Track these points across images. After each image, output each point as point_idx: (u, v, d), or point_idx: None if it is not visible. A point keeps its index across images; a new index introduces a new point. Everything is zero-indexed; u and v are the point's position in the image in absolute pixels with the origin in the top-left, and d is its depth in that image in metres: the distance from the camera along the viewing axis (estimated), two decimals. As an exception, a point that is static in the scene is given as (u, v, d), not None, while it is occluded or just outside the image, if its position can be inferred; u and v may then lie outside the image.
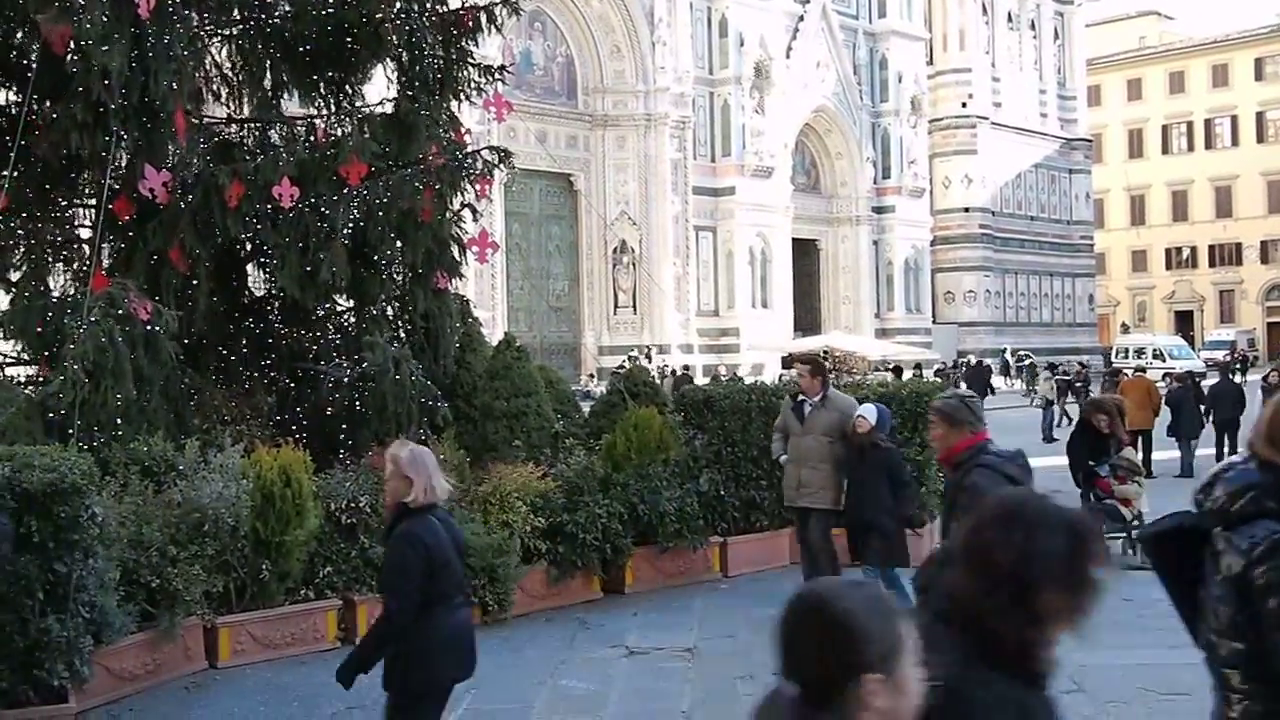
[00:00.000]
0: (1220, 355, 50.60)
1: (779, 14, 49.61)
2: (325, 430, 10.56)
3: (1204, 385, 24.47)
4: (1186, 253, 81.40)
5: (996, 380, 53.65)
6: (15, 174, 10.25)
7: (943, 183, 60.20)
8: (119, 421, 8.94)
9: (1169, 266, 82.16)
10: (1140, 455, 17.03)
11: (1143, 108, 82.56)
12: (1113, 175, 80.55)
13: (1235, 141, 79.69)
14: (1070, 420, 26.31)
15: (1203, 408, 22.21)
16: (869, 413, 9.96)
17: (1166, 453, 20.67)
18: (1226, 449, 20.70)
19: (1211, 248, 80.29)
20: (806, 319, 52.42)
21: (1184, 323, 79.60)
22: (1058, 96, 66.87)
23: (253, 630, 8.67)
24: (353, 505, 9.28)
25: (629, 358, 40.04)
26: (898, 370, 33.34)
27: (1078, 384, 32.78)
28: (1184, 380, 22.59)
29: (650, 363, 35.40)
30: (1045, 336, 63.06)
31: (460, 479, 9.74)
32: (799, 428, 10.25)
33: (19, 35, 10.86)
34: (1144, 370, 26.13)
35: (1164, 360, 49.41)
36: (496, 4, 12.37)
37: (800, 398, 10.39)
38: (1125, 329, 73.25)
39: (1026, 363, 52.01)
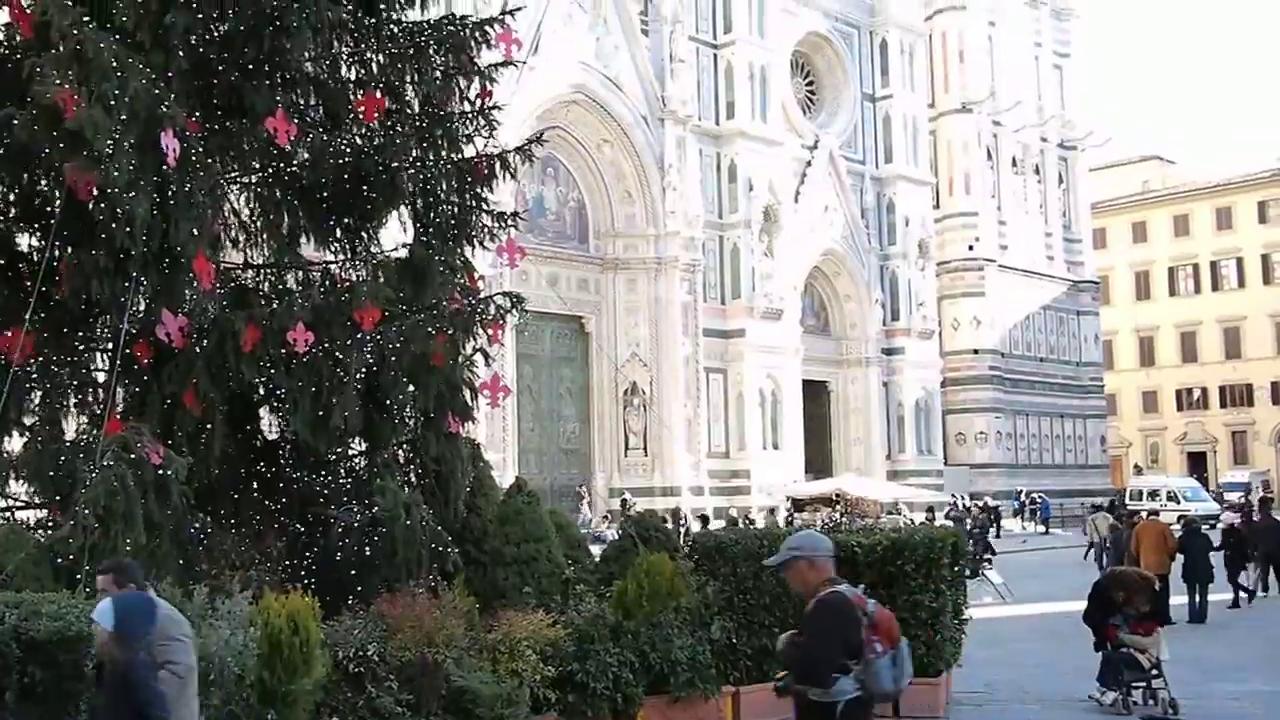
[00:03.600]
0: (1237, 496, 50.26)
1: (787, 159, 50.49)
2: (335, 576, 10.48)
3: (1235, 524, 24.44)
4: (1197, 394, 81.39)
5: (1011, 523, 53.44)
6: (35, 318, 10.35)
7: (951, 324, 60.53)
8: (128, 568, 8.87)
9: (1180, 408, 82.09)
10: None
11: (1148, 250, 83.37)
12: (1121, 317, 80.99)
13: (1242, 283, 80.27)
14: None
15: (1214, 549, 22.06)
16: (103, 615, 6.10)
17: (1183, 597, 20.45)
18: (1273, 582, 20.67)
19: (1222, 389, 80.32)
20: (818, 461, 52.26)
21: (1197, 464, 79.23)
22: (1064, 239, 67.58)
23: (256, 783, 8.46)
24: (360, 654, 9.14)
25: (621, 501, 39.90)
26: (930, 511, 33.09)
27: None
28: (1193, 525, 22.46)
29: (630, 509, 35.22)
30: (1058, 478, 62.74)
31: (469, 627, 9.62)
32: None
33: (42, 182, 11.07)
34: (1157, 513, 25.97)
35: (1178, 503, 49.04)
36: (510, 152, 12.61)
37: None
38: (1138, 471, 72.91)
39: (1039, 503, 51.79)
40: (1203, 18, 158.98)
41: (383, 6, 12.36)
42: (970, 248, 60.63)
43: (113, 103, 9.67)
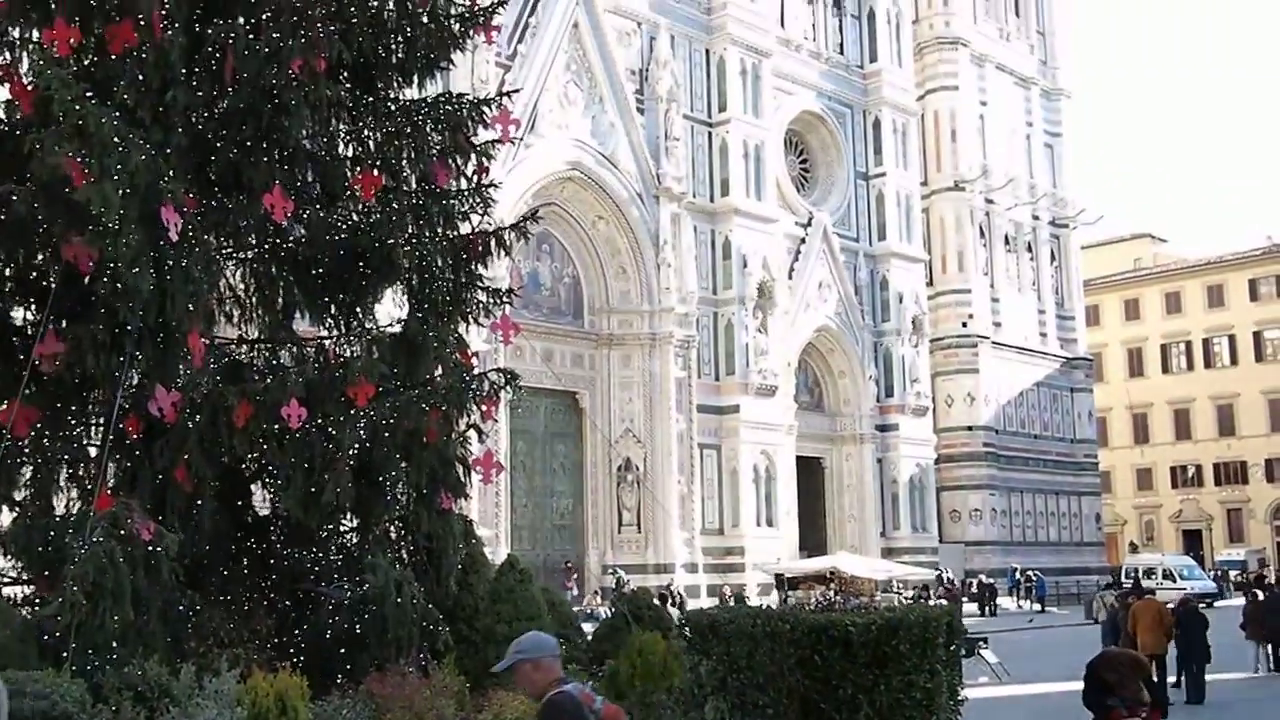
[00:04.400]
0: (1235, 574, 49.98)
1: (781, 236, 50.79)
2: (324, 654, 10.38)
3: (1233, 603, 24.40)
4: (1192, 471, 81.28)
5: (1007, 601, 53.11)
6: (27, 391, 10.34)
7: (945, 401, 60.56)
8: (115, 645, 8.80)
9: (1174, 485, 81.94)
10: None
11: (1141, 327, 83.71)
12: (1114, 394, 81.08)
13: (1234, 360, 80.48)
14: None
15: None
16: None
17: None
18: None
19: (1216, 466, 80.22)
20: (812, 538, 52.01)
21: (1192, 542, 78.94)
22: (1057, 316, 67.81)
23: None
24: (349, 733, 9.04)
25: (614, 577, 39.62)
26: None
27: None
28: (1190, 605, 22.32)
29: (622, 587, 35.01)
30: (1053, 556, 62.40)
31: (460, 706, 9.52)
32: None
33: (39, 257, 11.12)
34: (1153, 592, 25.81)
35: (1174, 581, 48.78)
36: (506, 229, 12.70)
37: None
38: (1134, 548, 72.64)
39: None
40: (1191, 99, 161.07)
41: (380, 85, 12.51)
42: (964, 324, 60.84)
43: (115, 177, 9.74)
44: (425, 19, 12.41)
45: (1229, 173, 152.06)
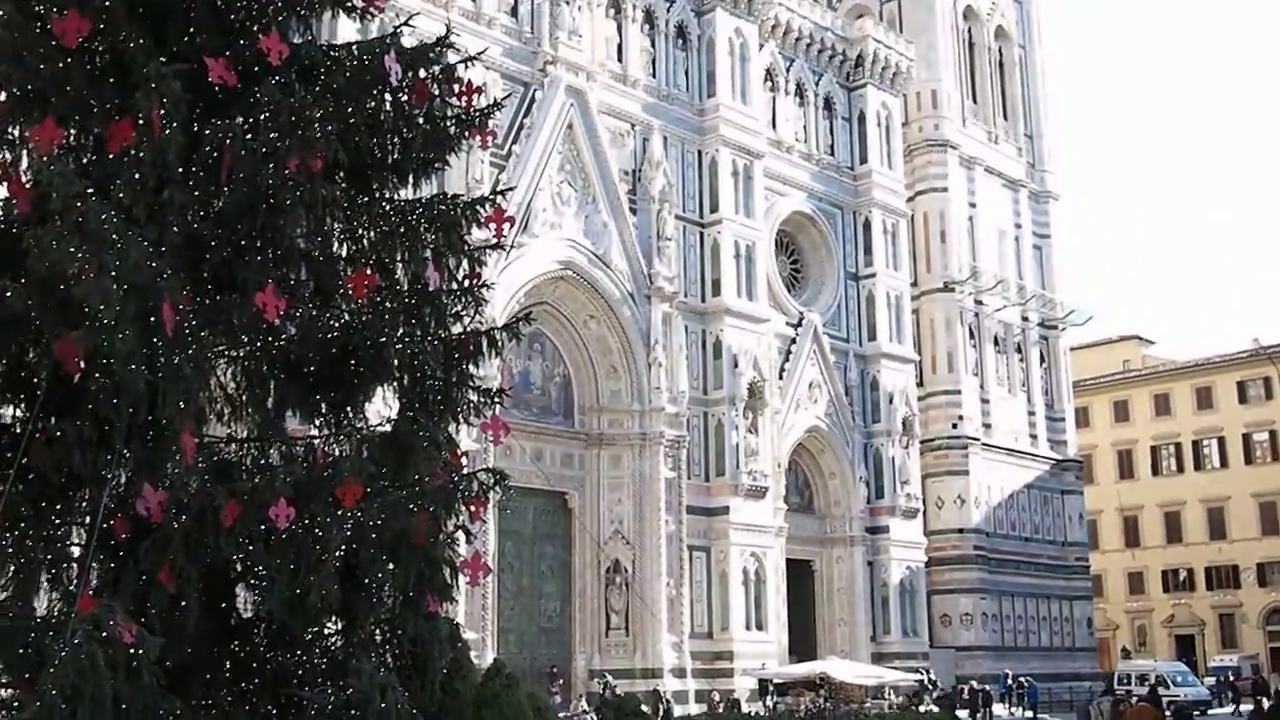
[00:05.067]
0: (1230, 677, 49.40)
1: (772, 336, 50.99)
2: (306, 761, 10.16)
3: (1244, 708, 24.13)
4: (1183, 575, 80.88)
5: (999, 707, 52.43)
6: (13, 492, 10.23)
7: (935, 503, 60.34)
8: (93, 751, 8.60)
9: (1166, 589, 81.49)
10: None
11: (1130, 429, 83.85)
12: (1105, 496, 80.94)
13: (1224, 463, 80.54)
14: None
15: None
16: None
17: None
18: None
19: (1208, 570, 79.88)
20: (801, 642, 51.41)
21: (1185, 647, 78.30)
22: (1046, 418, 67.85)
23: None
24: (331, 845, 8.81)
25: (602, 684, 39.02)
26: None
27: None
28: (1184, 712, 22.06)
29: (611, 692, 34.51)
30: (1045, 661, 61.78)
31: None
32: None
33: (30, 354, 11.06)
34: (1145, 699, 25.50)
35: (1168, 687, 48.21)
36: (498, 329, 12.68)
37: None
38: (1126, 654, 71.97)
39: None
40: (1177, 202, 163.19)
41: (376, 185, 12.57)
42: (954, 425, 60.86)
43: (113, 273, 9.74)
44: (422, 120, 12.51)
45: (1215, 275, 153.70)
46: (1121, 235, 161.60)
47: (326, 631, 11.77)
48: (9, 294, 10.14)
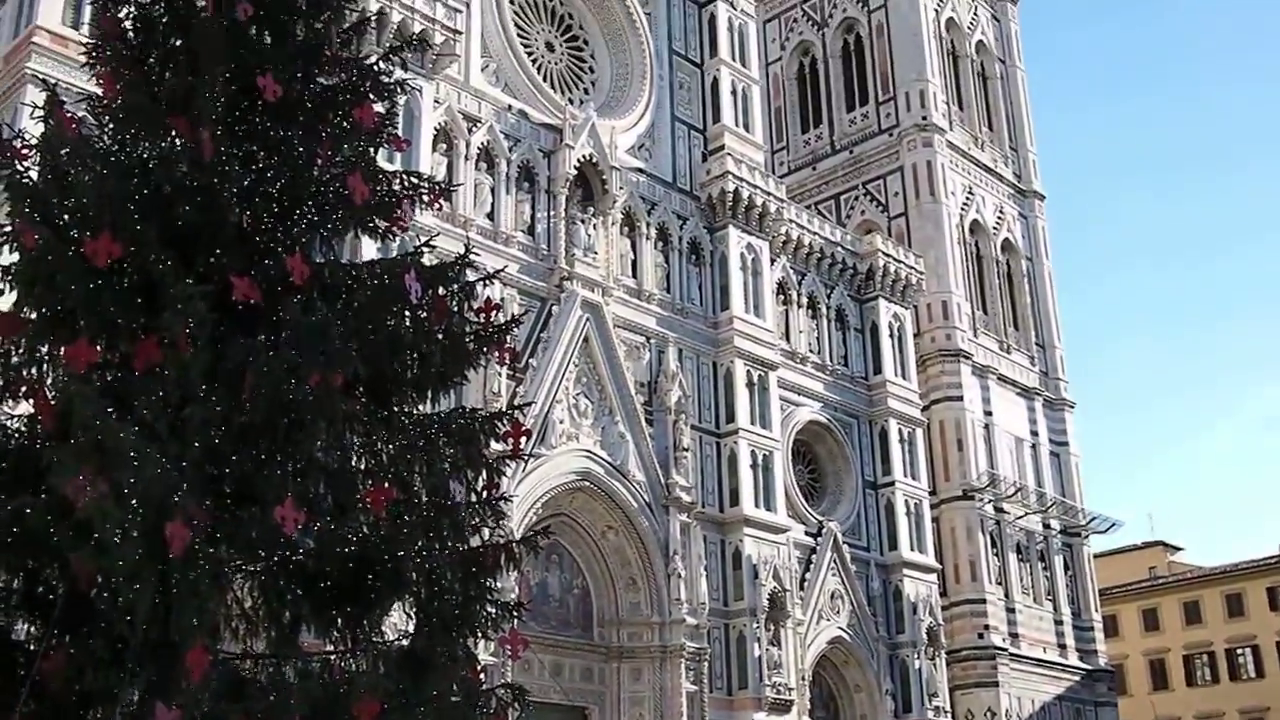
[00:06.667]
0: None
1: (791, 546, 50.49)
2: None
3: None
4: (1229, 789, 78.02)
5: None
6: (26, 710, 10.11)
7: (965, 717, 58.70)
8: None
9: (1211, 805, 78.50)
10: None
11: (1161, 638, 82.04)
12: (1140, 709, 78.55)
13: (1260, 673, 78.47)
14: None
15: None
16: None
17: None
18: None
19: (1255, 782, 77.13)
20: None
21: None
22: (1074, 627, 66.40)
23: None
24: None
25: None
26: None
27: None
28: None
29: None
30: None
31: None
32: None
33: (46, 571, 11.07)
34: None
35: None
36: (516, 542, 12.68)
37: None
38: None
39: None
40: (1193, 405, 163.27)
41: (395, 400, 12.75)
42: (980, 635, 59.66)
43: (125, 490, 9.82)
44: (441, 337, 12.77)
45: (1239, 479, 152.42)
46: (1142, 440, 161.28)
47: None
48: (28, 510, 10.22)
